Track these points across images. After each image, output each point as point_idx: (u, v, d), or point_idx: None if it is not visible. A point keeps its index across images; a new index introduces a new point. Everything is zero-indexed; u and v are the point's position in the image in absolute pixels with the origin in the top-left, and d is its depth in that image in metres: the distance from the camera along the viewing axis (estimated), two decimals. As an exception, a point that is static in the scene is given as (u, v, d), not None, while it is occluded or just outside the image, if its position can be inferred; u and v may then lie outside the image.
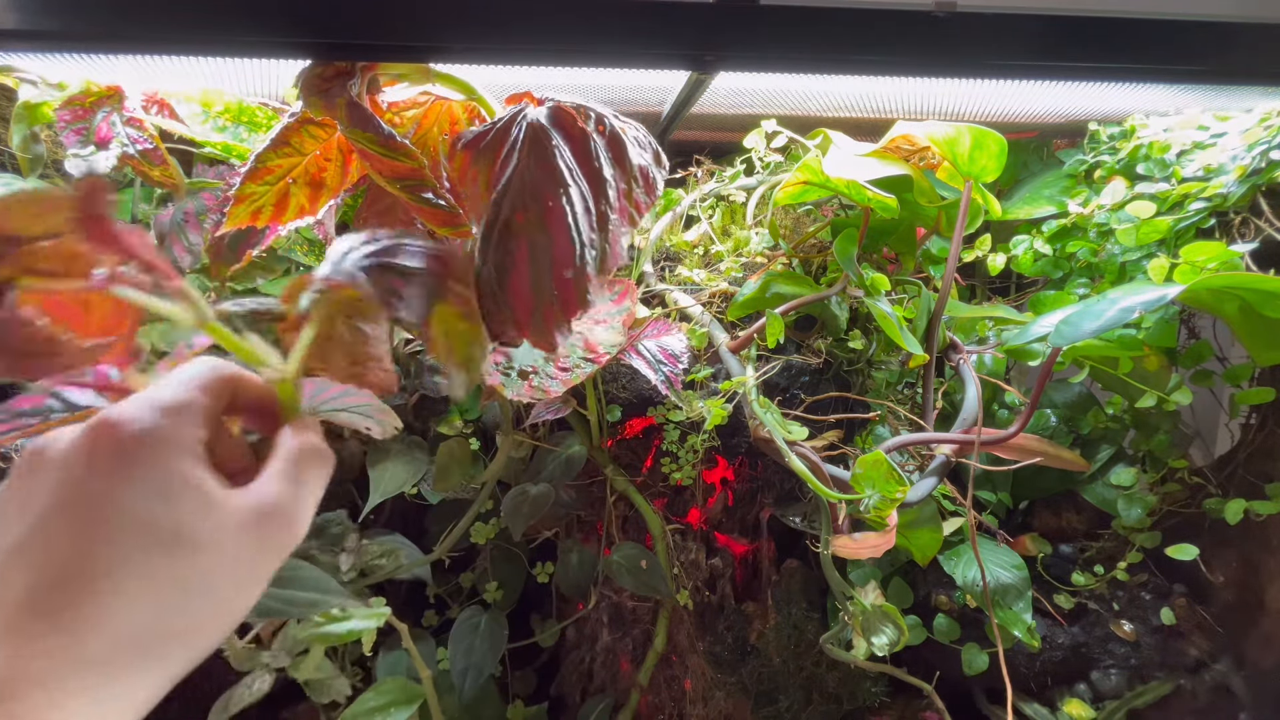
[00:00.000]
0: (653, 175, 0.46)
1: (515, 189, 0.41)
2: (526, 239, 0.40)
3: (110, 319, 0.35)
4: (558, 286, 0.40)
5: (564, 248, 0.40)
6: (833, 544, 0.72)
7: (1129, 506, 0.89)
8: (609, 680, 0.93)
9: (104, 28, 0.53)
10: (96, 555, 0.26)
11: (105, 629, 0.26)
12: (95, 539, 0.26)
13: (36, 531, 0.27)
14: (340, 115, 0.47)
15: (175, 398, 0.30)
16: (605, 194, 0.43)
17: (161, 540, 0.27)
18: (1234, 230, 0.78)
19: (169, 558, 0.27)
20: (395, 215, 0.59)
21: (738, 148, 0.93)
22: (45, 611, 0.25)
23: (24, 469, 0.28)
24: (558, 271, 0.40)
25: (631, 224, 0.45)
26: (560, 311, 0.40)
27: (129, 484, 0.27)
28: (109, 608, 0.26)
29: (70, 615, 0.25)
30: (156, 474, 0.28)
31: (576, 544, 0.90)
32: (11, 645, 0.25)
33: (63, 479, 0.27)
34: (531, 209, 0.41)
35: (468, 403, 0.89)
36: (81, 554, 0.26)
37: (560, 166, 0.42)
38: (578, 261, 0.40)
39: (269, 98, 0.78)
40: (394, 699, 0.79)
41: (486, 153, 0.43)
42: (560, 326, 0.40)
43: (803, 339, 0.85)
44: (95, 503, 0.27)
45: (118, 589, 0.26)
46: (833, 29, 0.59)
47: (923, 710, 0.89)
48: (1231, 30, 0.64)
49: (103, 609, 0.26)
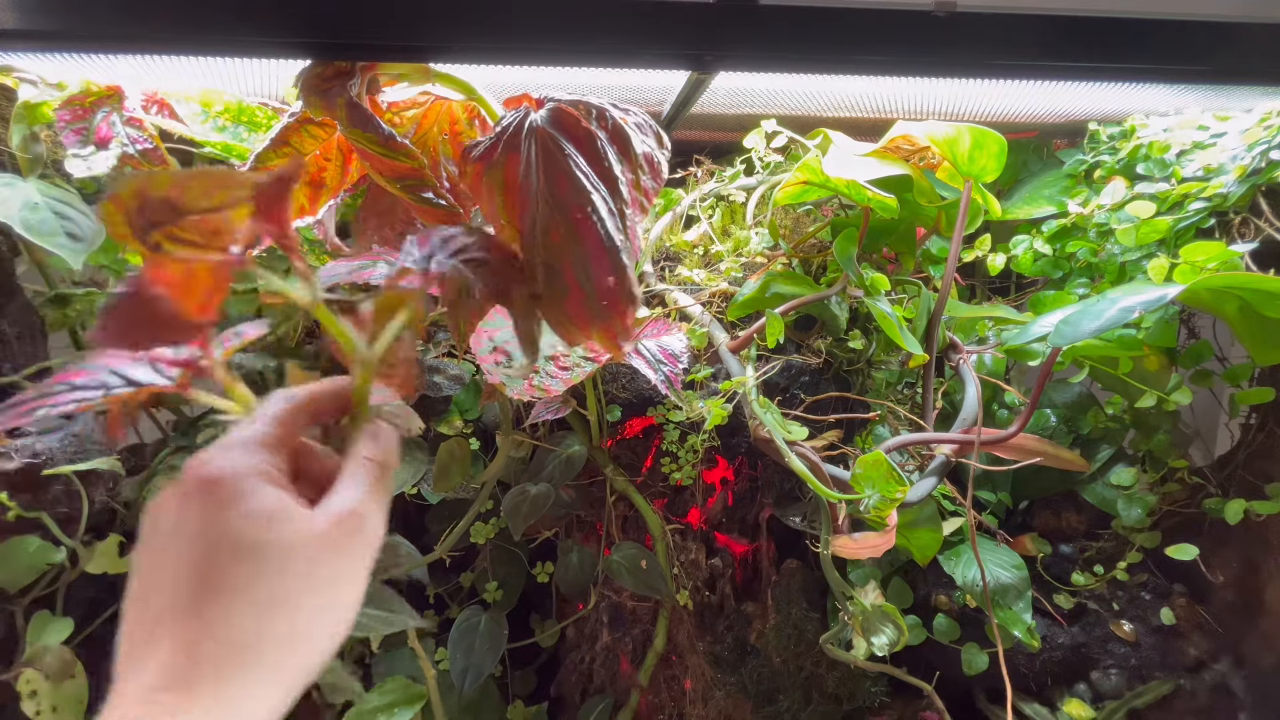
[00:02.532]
0: (657, 159, 0.47)
1: (544, 212, 0.43)
2: (568, 257, 0.42)
3: (203, 299, 0.37)
4: (604, 296, 0.42)
5: (600, 256, 0.42)
6: (833, 544, 0.72)
7: (1129, 506, 0.89)
8: (609, 680, 0.93)
9: (104, 28, 0.53)
10: (200, 578, 0.30)
11: (217, 639, 0.29)
12: (197, 565, 0.30)
13: (156, 565, 0.31)
14: (340, 115, 0.47)
15: (247, 436, 0.34)
16: (619, 192, 0.44)
17: (251, 557, 0.31)
18: (1234, 230, 0.78)
19: (259, 573, 0.31)
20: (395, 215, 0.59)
21: (738, 148, 0.93)
22: (170, 629, 0.30)
23: (146, 523, 0.33)
24: (601, 282, 0.42)
25: (643, 211, 0.46)
26: (617, 316, 0.42)
27: (217, 514, 0.31)
28: (216, 621, 0.30)
29: (188, 628, 0.30)
30: (238, 501, 0.31)
31: (576, 544, 0.90)
32: (157, 652, 0.29)
33: (168, 520, 0.32)
34: (563, 225, 0.42)
35: (468, 402, 0.89)
36: (188, 579, 0.30)
37: (579, 176, 0.43)
38: (616, 265, 0.42)
39: (269, 98, 0.78)
40: (397, 699, 0.79)
41: (499, 165, 0.44)
42: (620, 330, 0.43)
43: (803, 339, 0.85)
44: (194, 534, 0.31)
45: (220, 604, 0.30)
46: (833, 29, 0.59)
47: (923, 710, 0.89)
48: (1231, 30, 0.64)
49: (210, 622, 0.30)
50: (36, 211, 0.70)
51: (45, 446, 0.76)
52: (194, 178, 0.32)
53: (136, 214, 0.32)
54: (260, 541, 0.31)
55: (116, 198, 0.32)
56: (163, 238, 0.33)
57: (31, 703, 0.69)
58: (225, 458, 0.33)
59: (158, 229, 0.33)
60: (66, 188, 0.75)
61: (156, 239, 0.33)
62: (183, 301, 0.36)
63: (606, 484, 0.88)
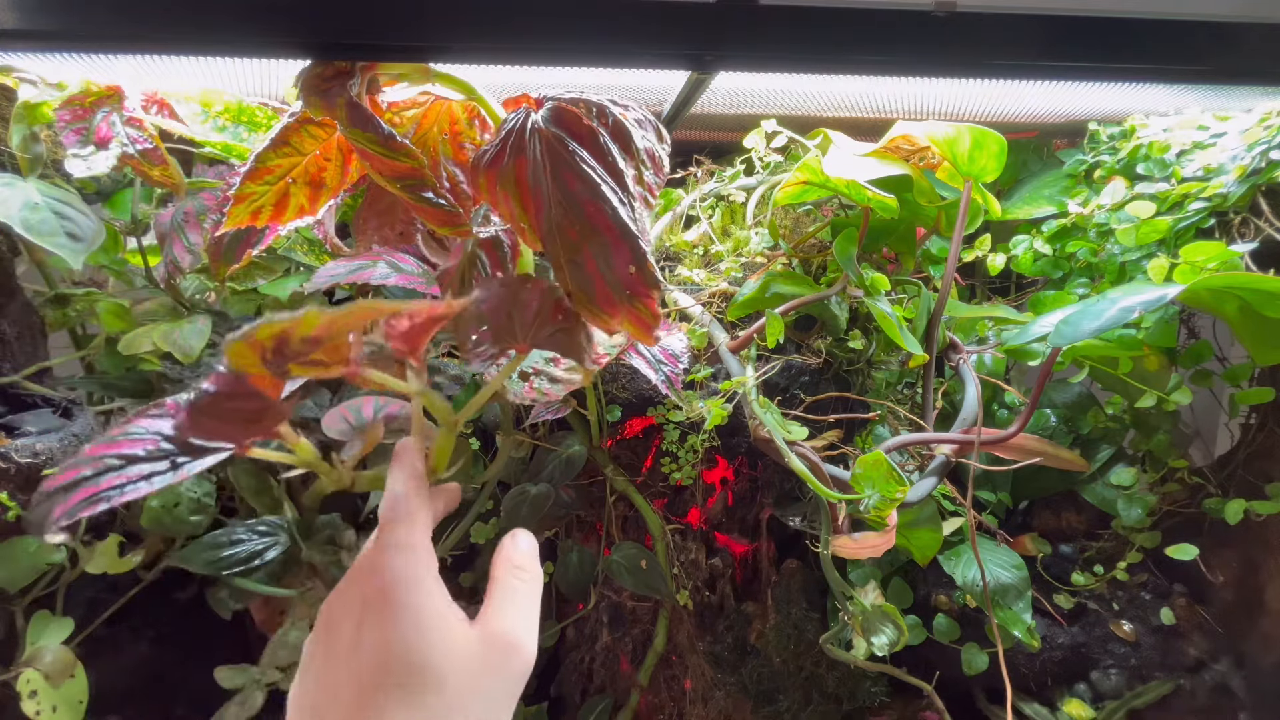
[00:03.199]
0: (658, 154, 0.48)
1: (557, 212, 0.43)
2: (588, 251, 0.43)
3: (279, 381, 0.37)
4: (628, 284, 0.43)
5: (618, 245, 0.43)
6: (833, 544, 0.72)
7: (1129, 506, 0.89)
8: (609, 680, 0.93)
9: (104, 28, 0.53)
10: (364, 698, 0.30)
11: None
12: (363, 682, 0.31)
13: (322, 679, 0.32)
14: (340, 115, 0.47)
15: (409, 536, 0.35)
16: (626, 185, 0.45)
17: (412, 677, 0.31)
18: (1234, 230, 0.78)
19: (421, 692, 0.31)
20: (395, 215, 0.59)
21: (738, 148, 0.93)
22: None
23: (321, 626, 0.34)
24: (622, 270, 0.43)
25: (647, 206, 0.47)
26: (643, 303, 0.43)
27: (386, 628, 0.31)
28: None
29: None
30: (408, 614, 0.32)
31: (576, 544, 0.90)
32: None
33: (334, 627, 0.32)
34: (578, 221, 0.43)
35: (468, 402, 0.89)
36: (353, 696, 0.31)
37: (587, 171, 0.43)
38: (635, 251, 0.43)
39: (269, 98, 0.78)
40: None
41: (509, 170, 0.45)
42: (647, 316, 0.43)
43: (803, 339, 0.85)
44: (358, 650, 0.31)
45: (398, 713, 0.30)
46: (833, 29, 0.59)
47: (923, 710, 0.89)
48: (1231, 30, 0.64)
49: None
50: (36, 211, 0.70)
51: (45, 446, 0.76)
52: (350, 315, 0.32)
53: (273, 353, 0.32)
54: (425, 661, 0.31)
55: (254, 342, 0.31)
56: (296, 366, 0.34)
57: (31, 703, 0.69)
58: (397, 562, 0.33)
59: (288, 360, 0.33)
60: (66, 188, 0.75)
61: (286, 368, 0.33)
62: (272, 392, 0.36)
63: (606, 484, 0.88)
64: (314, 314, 0.31)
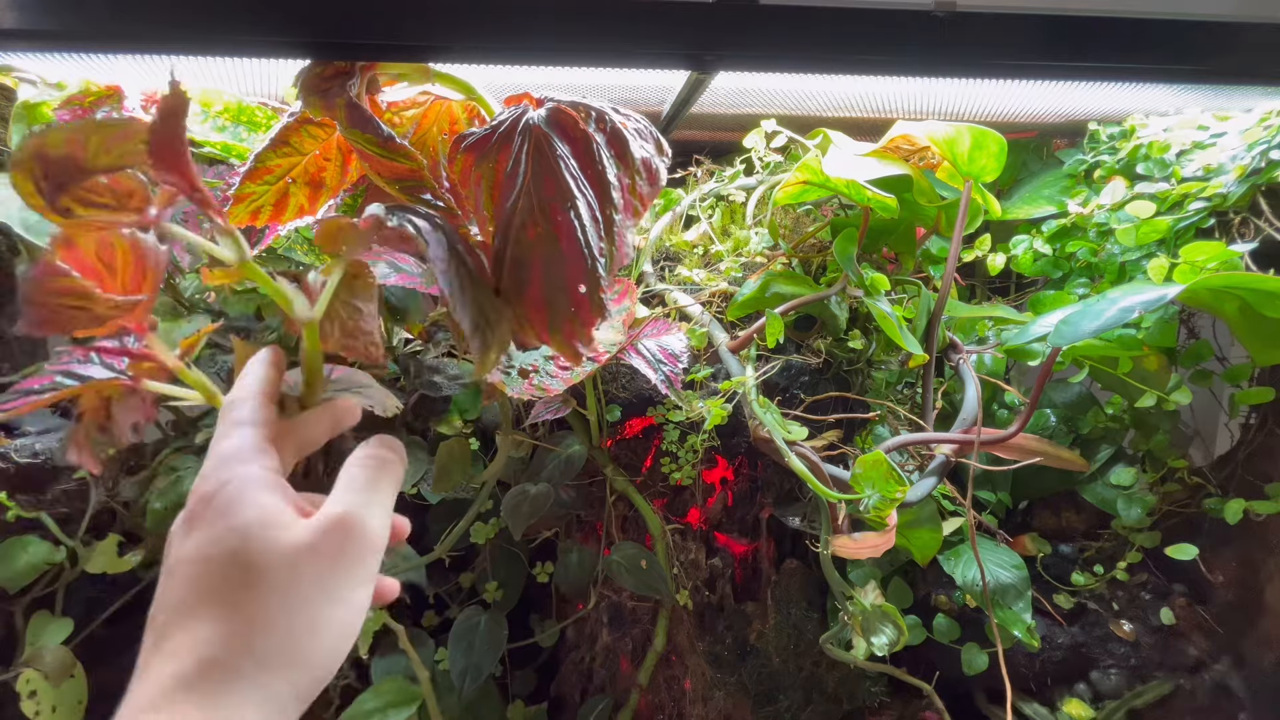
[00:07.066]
0: (655, 166, 0.47)
1: (524, 206, 0.42)
2: (539, 254, 0.41)
3: (132, 281, 0.35)
4: (574, 302, 0.41)
5: (576, 261, 0.41)
6: (833, 544, 0.72)
7: (1129, 506, 0.89)
8: (609, 680, 0.93)
9: (104, 28, 0.53)
10: (190, 594, 0.31)
11: (213, 646, 0.30)
12: (192, 585, 0.31)
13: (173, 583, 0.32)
14: (339, 115, 0.47)
15: (236, 445, 0.34)
16: (610, 197, 0.44)
17: (238, 572, 0.31)
18: (1234, 230, 0.78)
19: (245, 588, 0.31)
20: (395, 215, 0.59)
21: (738, 147, 0.93)
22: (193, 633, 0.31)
23: (167, 550, 0.34)
24: (572, 287, 0.41)
25: (636, 216, 0.45)
26: (580, 324, 0.41)
27: (210, 532, 0.32)
28: (203, 631, 0.30)
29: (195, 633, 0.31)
30: (234, 516, 0.32)
31: (576, 544, 0.90)
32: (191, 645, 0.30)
33: (177, 538, 0.33)
34: (541, 223, 0.42)
35: (467, 402, 0.89)
36: (183, 595, 0.31)
37: (566, 178, 0.42)
38: (589, 274, 0.41)
39: (268, 98, 0.78)
40: (392, 700, 0.79)
41: (489, 157, 0.44)
42: (581, 338, 0.42)
43: (802, 339, 0.85)
44: (190, 554, 0.32)
45: (213, 615, 0.31)
46: (833, 29, 0.59)
47: (923, 710, 0.89)
48: (1231, 30, 0.63)
49: (201, 634, 0.30)
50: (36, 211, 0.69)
51: (45, 446, 0.76)
52: (90, 130, 0.30)
53: (43, 179, 0.30)
54: (249, 558, 0.31)
55: (19, 163, 0.30)
56: (71, 201, 0.31)
57: (31, 703, 0.69)
58: (220, 472, 0.33)
59: (65, 192, 0.31)
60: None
61: (65, 203, 0.31)
62: (104, 278, 0.34)
63: (606, 484, 0.88)
64: (63, 127, 0.30)
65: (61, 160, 0.30)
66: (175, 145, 0.32)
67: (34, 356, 0.82)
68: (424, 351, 0.88)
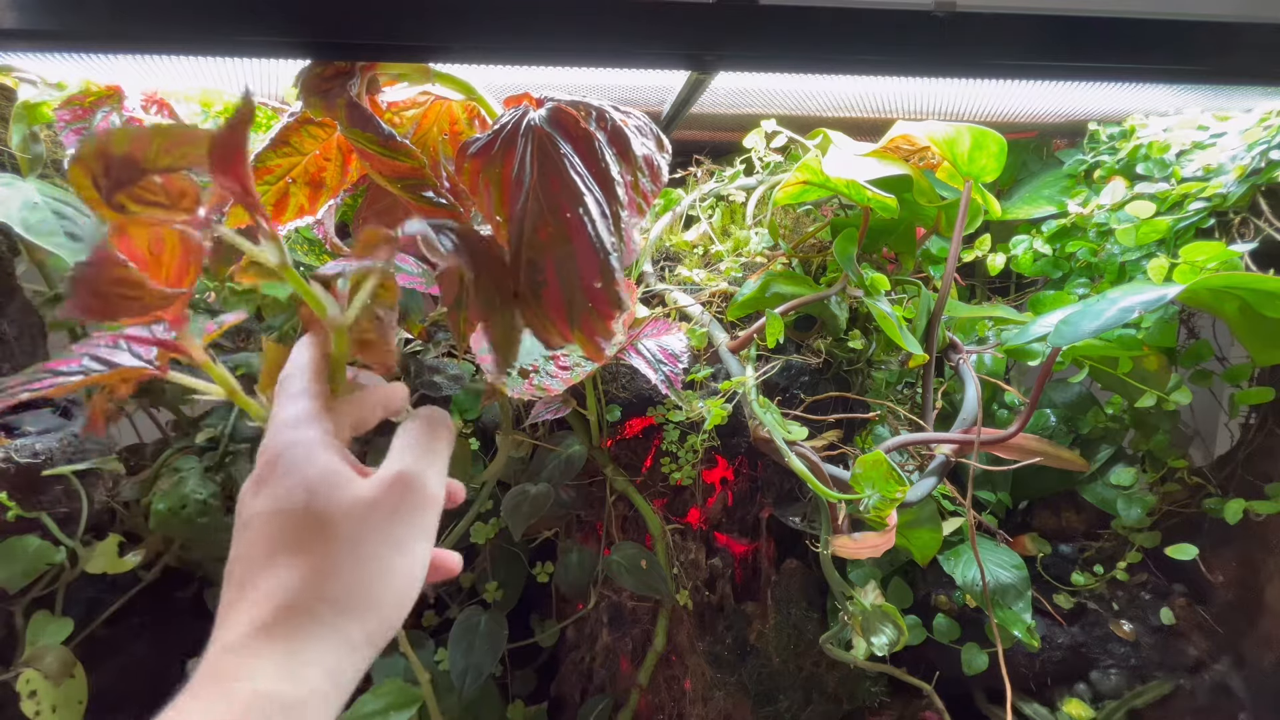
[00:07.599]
0: (657, 163, 0.47)
1: (533, 208, 0.42)
2: (552, 254, 0.42)
3: (176, 274, 0.37)
4: (590, 298, 0.41)
5: (589, 258, 0.42)
6: (833, 544, 0.72)
7: (1129, 506, 0.89)
8: (609, 680, 0.93)
9: (104, 28, 0.53)
10: (264, 546, 0.33)
11: (290, 593, 0.32)
12: (265, 537, 0.33)
13: (247, 535, 0.34)
14: (340, 115, 0.47)
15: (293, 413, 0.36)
16: (615, 194, 0.44)
17: (308, 523, 0.33)
18: (1234, 230, 0.78)
19: (316, 538, 0.33)
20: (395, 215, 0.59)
21: (738, 147, 0.93)
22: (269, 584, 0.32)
23: (237, 516, 0.35)
24: (587, 283, 0.41)
25: (640, 214, 0.46)
26: (599, 319, 0.42)
27: (279, 489, 0.34)
28: (279, 579, 0.32)
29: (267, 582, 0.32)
30: (301, 473, 0.34)
31: (576, 544, 0.90)
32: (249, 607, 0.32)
33: (247, 497, 0.35)
34: (551, 223, 0.42)
35: (467, 402, 0.89)
36: (258, 547, 0.33)
37: (572, 176, 0.43)
38: (604, 268, 0.42)
39: (269, 98, 0.78)
40: (392, 702, 0.79)
41: (495, 162, 0.44)
42: (602, 332, 0.42)
43: (802, 339, 0.85)
44: (262, 509, 0.34)
45: (287, 564, 0.32)
46: (833, 29, 0.59)
47: (922, 710, 0.89)
48: (1231, 30, 0.64)
49: (276, 582, 0.32)
50: (36, 211, 0.70)
51: (45, 446, 0.76)
52: (153, 134, 0.32)
53: (102, 175, 0.32)
54: (319, 512, 0.33)
55: (80, 159, 0.31)
56: (127, 198, 0.33)
57: (31, 703, 0.69)
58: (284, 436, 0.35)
59: (122, 190, 0.32)
60: (66, 188, 0.75)
61: (121, 200, 0.33)
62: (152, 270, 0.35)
63: (606, 484, 0.88)
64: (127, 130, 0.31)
65: (123, 159, 0.32)
66: (237, 152, 0.33)
67: (34, 356, 0.82)
68: (424, 351, 0.88)
